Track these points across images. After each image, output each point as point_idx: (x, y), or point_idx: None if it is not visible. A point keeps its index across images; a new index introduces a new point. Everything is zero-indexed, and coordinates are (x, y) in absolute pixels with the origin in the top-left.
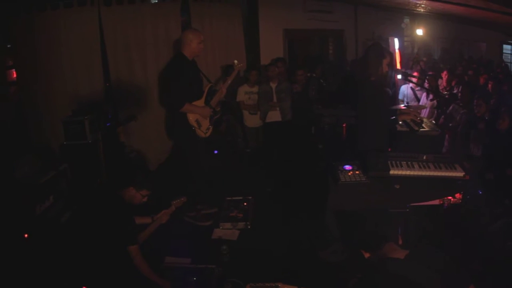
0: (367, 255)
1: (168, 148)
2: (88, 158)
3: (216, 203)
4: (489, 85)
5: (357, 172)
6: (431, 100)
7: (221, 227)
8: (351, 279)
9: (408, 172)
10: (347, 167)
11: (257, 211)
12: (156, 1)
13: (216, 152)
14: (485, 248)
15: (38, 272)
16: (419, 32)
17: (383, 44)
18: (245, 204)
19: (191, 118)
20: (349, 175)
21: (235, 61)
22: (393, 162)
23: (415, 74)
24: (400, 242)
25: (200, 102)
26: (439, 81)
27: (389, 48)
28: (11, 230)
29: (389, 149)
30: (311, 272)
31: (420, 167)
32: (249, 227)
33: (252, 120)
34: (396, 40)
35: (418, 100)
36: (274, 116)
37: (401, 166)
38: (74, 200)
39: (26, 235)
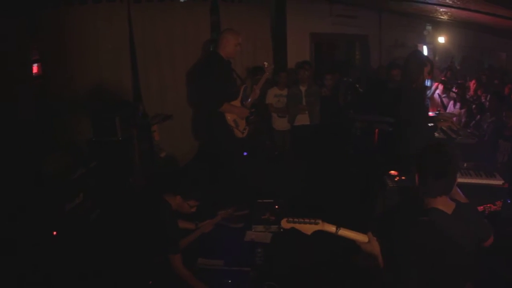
0: None
1: (194, 148)
2: (117, 156)
3: (247, 205)
4: None
5: (403, 177)
6: (460, 108)
7: (253, 230)
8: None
9: None
10: (393, 172)
11: (289, 215)
12: None
13: (245, 154)
14: None
15: (66, 271)
16: (441, 39)
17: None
18: (276, 207)
19: (229, 118)
20: (396, 181)
21: (265, 63)
22: None
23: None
24: None
25: (237, 103)
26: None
27: None
28: (41, 227)
29: None
30: (343, 276)
31: (462, 174)
32: (281, 230)
33: (280, 123)
34: (425, 48)
35: (445, 107)
36: (303, 119)
37: None
38: (104, 198)
39: (55, 233)
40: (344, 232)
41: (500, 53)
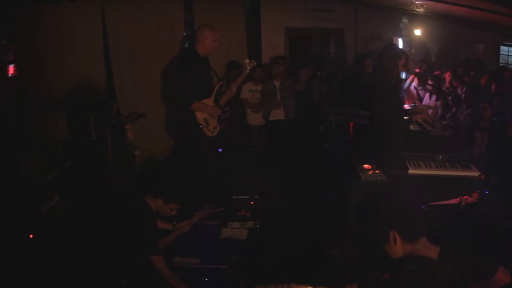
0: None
1: (169, 146)
2: (92, 156)
3: (222, 202)
4: (492, 87)
5: (377, 171)
6: (436, 100)
7: (229, 226)
8: (367, 278)
9: (426, 172)
10: (367, 166)
11: (264, 210)
12: None
13: (220, 150)
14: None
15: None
16: (417, 32)
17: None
18: (252, 203)
19: (199, 116)
20: (370, 174)
21: (247, 60)
22: (411, 161)
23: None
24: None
25: (210, 101)
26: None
27: None
28: (17, 229)
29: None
30: (323, 271)
31: (437, 166)
32: (258, 226)
33: (255, 118)
34: (400, 41)
35: (421, 100)
36: (278, 114)
37: (419, 165)
38: (79, 199)
39: (31, 236)
40: None
41: (477, 45)
